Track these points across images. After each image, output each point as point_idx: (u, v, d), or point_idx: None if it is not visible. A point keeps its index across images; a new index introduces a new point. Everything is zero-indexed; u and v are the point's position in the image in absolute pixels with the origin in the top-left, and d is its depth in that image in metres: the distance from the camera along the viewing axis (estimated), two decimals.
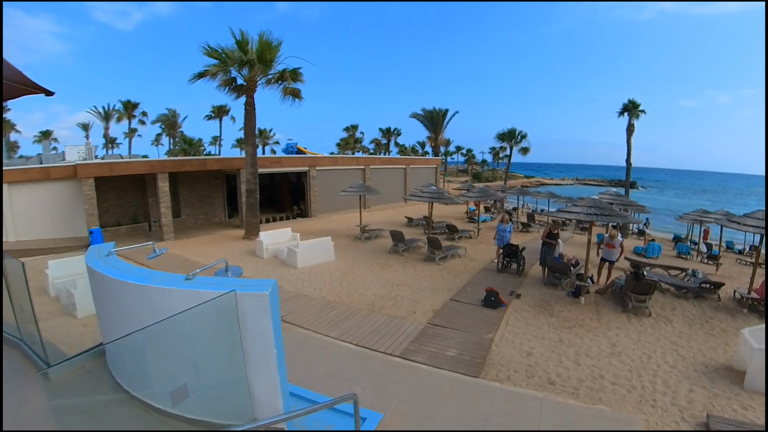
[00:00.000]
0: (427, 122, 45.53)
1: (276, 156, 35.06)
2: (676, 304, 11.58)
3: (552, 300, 11.06)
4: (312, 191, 26.20)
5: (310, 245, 14.31)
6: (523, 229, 24.27)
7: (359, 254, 15.75)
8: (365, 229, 19.16)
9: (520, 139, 45.48)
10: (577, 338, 8.74)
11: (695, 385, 7.21)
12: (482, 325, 9.05)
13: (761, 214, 11.44)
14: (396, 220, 24.77)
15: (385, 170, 32.34)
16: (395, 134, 71.12)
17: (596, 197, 11.40)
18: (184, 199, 23.32)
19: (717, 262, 19.47)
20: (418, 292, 11.28)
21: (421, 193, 15.83)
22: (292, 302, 10.22)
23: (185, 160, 25.48)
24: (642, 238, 26.10)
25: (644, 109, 40.95)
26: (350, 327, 8.71)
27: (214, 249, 16.76)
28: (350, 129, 75.43)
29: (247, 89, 18.17)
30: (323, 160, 27.70)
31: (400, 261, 14.69)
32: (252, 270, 13.32)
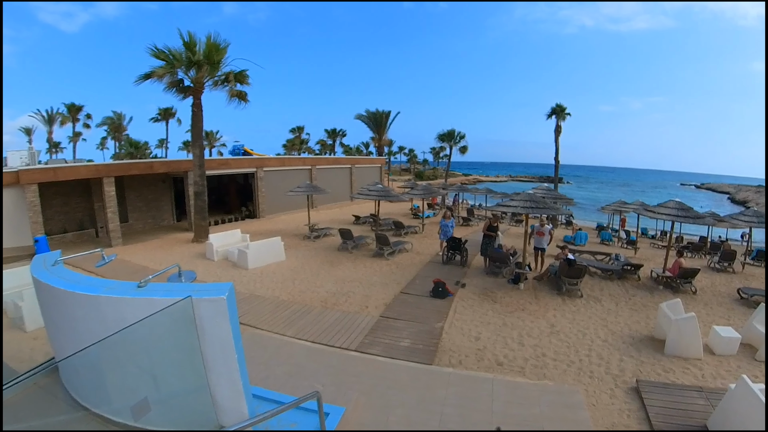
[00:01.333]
0: (371, 123, 45.37)
1: (223, 158, 34.07)
2: (603, 285, 12.33)
3: (494, 288, 11.44)
4: (260, 192, 25.60)
5: (260, 246, 14.01)
6: (464, 223, 24.99)
7: (309, 253, 15.59)
8: (314, 228, 18.97)
9: (458, 140, 46.32)
10: (519, 321, 9.12)
11: (624, 355, 7.75)
12: (432, 314, 9.23)
13: (673, 204, 12.43)
14: (343, 218, 24.70)
15: (331, 170, 32.16)
16: (340, 135, 70.69)
17: (531, 192, 11.92)
18: (131, 203, 22.17)
19: (635, 246, 20.86)
20: (369, 287, 11.32)
21: (368, 191, 15.86)
22: (246, 303, 9.99)
23: (131, 163, 24.34)
24: (570, 228, 27.45)
25: (570, 112, 43.14)
26: (305, 325, 8.62)
27: (163, 253, 16.08)
28: (296, 130, 74.18)
29: (194, 91, 17.56)
30: (270, 161, 27.17)
31: (349, 258, 14.67)
32: (203, 273, 12.85)
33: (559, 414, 5.71)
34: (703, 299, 11.74)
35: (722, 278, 14.55)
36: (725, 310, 10.84)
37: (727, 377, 7.04)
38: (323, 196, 29.84)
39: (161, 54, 16.41)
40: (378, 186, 15.97)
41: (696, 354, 7.73)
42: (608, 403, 6.15)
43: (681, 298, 10.03)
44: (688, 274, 12.31)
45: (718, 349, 8.00)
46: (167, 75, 16.82)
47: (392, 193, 16.05)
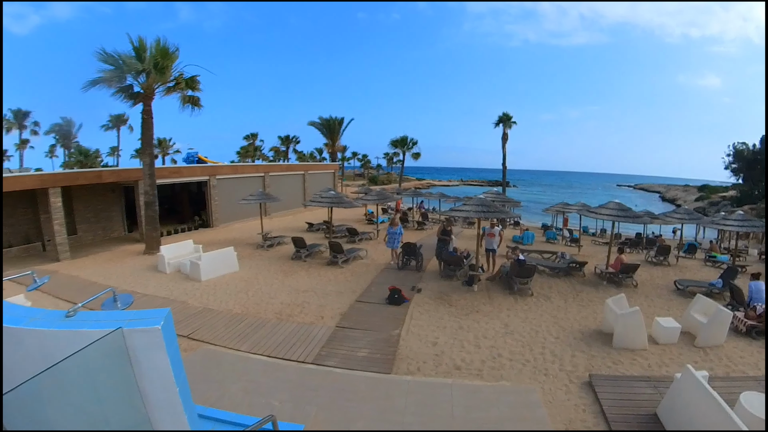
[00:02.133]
0: (324, 129, 44.75)
1: (175, 166, 32.64)
2: (552, 283, 12.61)
3: (449, 291, 11.42)
4: (213, 201, 24.61)
5: (213, 257, 13.38)
6: (419, 227, 24.97)
7: (263, 263, 15.05)
8: (267, 236, 18.38)
9: (411, 146, 46.91)
10: (474, 323, 9.11)
11: (576, 350, 7.88)
12: (388, 322, 9.03)
13: (613, 204, 13.02)
14: (297, 225, 24.16)
15: (284, 177, 31.42)
16: (294, 141, 69.42)
17: (482, 196, 12.04)
18: (80, 214, 20.59)
19: (578, 244, 21.58)
20: (324, 296, 10.99)
21: (320, 198, 15.53)
22: (199, 318, 9.40)
23: (79, 172, 22.73)
24: (518, 228, 28.13)
25: (515, 121, 44.62)
26: (260, 338, 8.22)
27: (114, 267, 14.98)
28: (250, 137, 72.18)
29: (144, 97, 16.65)
30: (223, 168, 26.26)
31: (303, 267, 14.26)
32: (155, 287, 12.08)
33: (518, 414, 5.68)
34: (644, 292, 12.21)
35: (659, 271, 15.28)
36: (664, 302, 11.31)
37: (671, 365, 7.36)
38: (277, 204, 29.06)
39: (110, 59, 15.56)
40: (330, 192, 15.69)
41: (642, 345, 7.99)
42: (564, 400, 6.20)
43: (624, 292, 10.34)
44: (629, 269, 12.80)
45: (661, 339, 8.32)
46: (116, 81, 15.95)
47: (345, 200, 15.76)
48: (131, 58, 15.74)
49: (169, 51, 16.43)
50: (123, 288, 11.65)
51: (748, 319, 8.92)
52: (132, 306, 8.18)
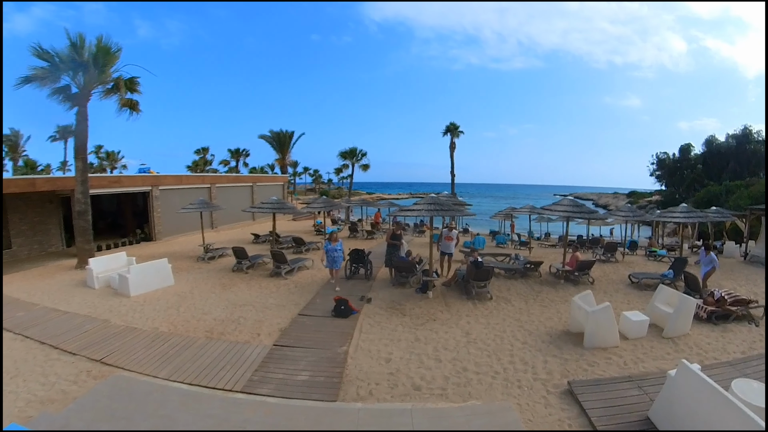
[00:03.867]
0: (274, 143, 42.56)
1: (115, 175, 29.60)
2: (509, 285, 11.70)
3: (402, 299, 10.16)
4: (155, 212, 22.14)
5: (144, 269, 11.47)
6: (368, 236, 23.64)
7: (201, 275, 13.26)
8: (209, 248, 16.47)
9: (360, 157, 45.55)
10: (432, 333, 7.88)
11: (547, 355, 6.91)
12: (334, 337, 7.62)
13: (567, 201, 12.41)
14: (243, 238, 22.12)
15: (231, 188, 29.20)
16: (244, 155, 66.15)
17: (434, 195, 10.89)
18: (15, 227, 18.07)
19: (529, 246, 21.13)
20: (263, 310, 9.44)
21: (261, 204, 13.95)
22: (117, 339, 7.74)
23: (10, 179, 19.31)
24: (468, 234, 27.54)
25: (462, 131, 44.64)
26: (184, 362, 6.66)
27: (41, 282, 12.91)
28: (201, 151, 68.37)
29: (80, 98, 14.76)
30: (166, 179, 23.61)
31: (244, 279, 12.58)
32: (79, 305, 10.19)
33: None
34: (601, 288, 11.64)
35: (610, 268, 14.92)
36: (623, 296, 10.81)
37: (646, 360, 6.73)
38: (224, 216, 27.09)
39: (45, 54, 13.72)
40: (273, 198, 14.12)
41: (614, 342, 7.29)
42: (545, 414, 5.14)
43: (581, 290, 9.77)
44: (585, 266, 12.22)
45: (631, 334, 7.69)
46: (50, 79, 14.09)
47: (288, 205, 14.28)
48: (68, 55, 13.99)
49: (111, 50, 14.78)
50: (45, 305, 10.16)
51: (707, 305, 8.73)
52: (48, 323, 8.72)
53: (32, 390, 5.84)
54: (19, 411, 5.27)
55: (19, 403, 5.47)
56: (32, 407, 5.37)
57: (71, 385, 6.01)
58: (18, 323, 8.97)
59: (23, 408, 5.35)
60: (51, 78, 14.18)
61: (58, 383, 6.07)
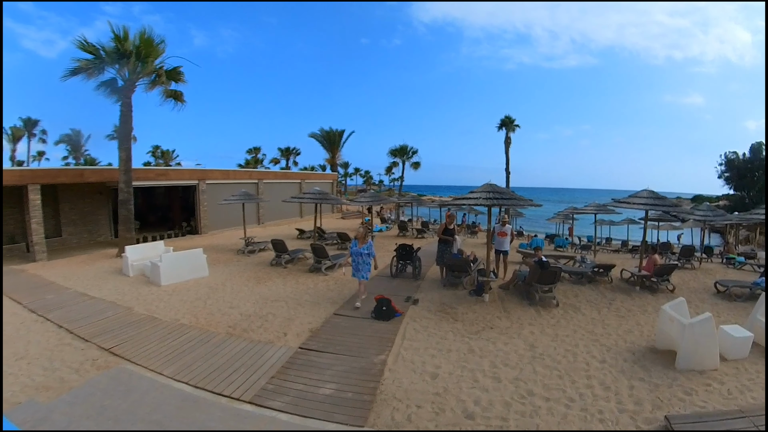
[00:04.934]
0: (324, 142, 42.29)
1: (162, 167, 30.29)
2: (576, 291, 10.12)
3: (454, 302, 8.86)
4: (201, 206, 22.20)
5: (176, 259, 11.03)
6: (419, 235, 22.36)
7: (237, 268, 12.63)
8: (250, 242, 15.96)
9: (411, 155, 44.34)
10: (489, 344, 6.53)
11: (633, 378, 5.43)
12: (372, 343, 6.46)
13: (646, 193, 10.54)
14: (289, 233, 21.50)
15: (279, 185, 28.60)
16: (294, 153, 66.68)
17: (491, 183, 9.45)
18: (65, 216, 19.00)
19: (593, 249, 19.18)
20: (296, 307, 8.48)
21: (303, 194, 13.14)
22: (134, 328, 7.21)
23: (60, 169, 20.75)
24: (524, 237, 25.75)
25: (518, 124, 42.29)
26: (195, 359, 5.84)
27: (81, 268, 13.14)
28: (253, 151, 70.00)
29: (125, 90, 15.01)
30: (213, 173, 23.68)
31: (281, 274, 11.76)
32: (109, 291, 10.00)
33: None
34: (682, 296, 9.66)
35: (688, 275, 12.97)
36: (710, 306, 8.97)
37: (755, 388, 5.17)
38: (271, 212, 26.82)
39: (90, 47, 14.03)
40: (315, 188, 13.26)
41: (713, 364, 5.68)
42: None
43: (660, 298, 8.40)
44: (664, 271, 10.38)
45: (730, 353, 6.03)
46: (95, 71, 14.39)
47: (331, 196, 13.39)
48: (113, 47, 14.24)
49: (153, 42, 14.88)
50: (76, 289, 10.19)
51: None
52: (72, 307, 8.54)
53: (32, 374, 5.54)
54: (11, 395, 4.94)
55: (14, 387, 5.16)
56: (25, 393, 5.01)
57: (72, 374, 5.56)
58: (44, 305, 8.96)
59: (16, 393, 5.01)
60: (96, 70, 14.40)
61: (60, 370, 5.64)
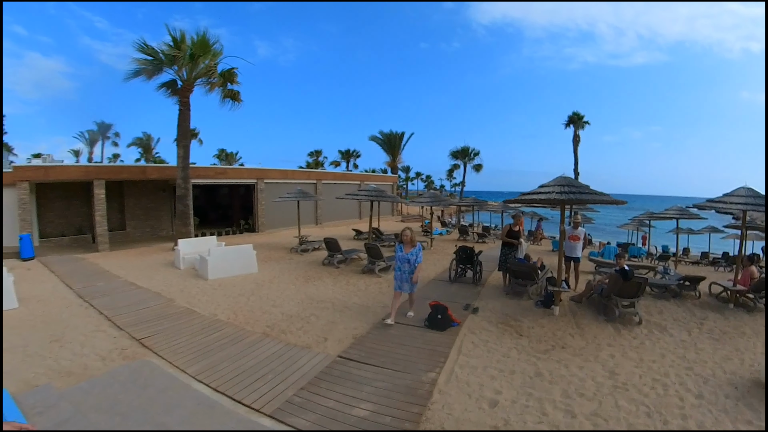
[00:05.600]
0: (385, 145, 42.15)
1: (221, 166, 31.42)
2: (660, 307, 8.72)
3: (519, 313, 7.86)
4: (259, 205, 22.65)
5: (225, 254, 11.03)
6: (479, 239, 21.25)
7: (288, 266, 12.39)
8: (303, 240, 15.78)
9: (473, 156, 43.07)
10: (560, 367, 5.52)
11: (738, 419, 4.31)
12: (422, 356, 5.61)
13: (743, 191, 8.78)
14: (346, 234, 21.22)
15: (338, 185, 28.49)
16: (354, 156, 67.29)
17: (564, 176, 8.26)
18: (130, 211, 20.56)
19: (675, 259, 17.22)
20: (342, 310, 7.90)
21: (358, 192, 12.66)
22: (170, 321, 7.07)
23: (123, 166, 22.90)
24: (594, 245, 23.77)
25: (588, 120, 39.75)
26: (223, 359, 5.43)
27: (137, 260, 13.87)
28: (314, 154, 72.17)
29: (183, 89, 15.70)
30: (272, 172, 24.08)
31: (332, 274, 11.30)
32: (158, 282, 10.22)
33: None
34: None
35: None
36: None
37: None
38: (329, 212, 26.86)
39: (149, 49, 14.73)
40: (371, 185, 12.71)
41: None
42: None
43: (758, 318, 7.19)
44: (764, 286, 8.54)
45: None
46: (154, 72, 15.17)
47: (387, 193, 12.76)
48: (170, 49, 14.80)
49: (209, 43, 15.35)
50: (126, 279, 10.65)
51: None
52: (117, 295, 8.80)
53: (60, 358, 5.56)
54: (33, 377, 4.95)
55: (38, 369, 5.19)
56: (47, 376, 4.98)
57: (97, 361, 5.46)
58: (92, 291, 9.26)
59: (39, 375, 5.02)
60: (155, 71, 15.10)
61: (87, 356, 5.57)
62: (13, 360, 5.52)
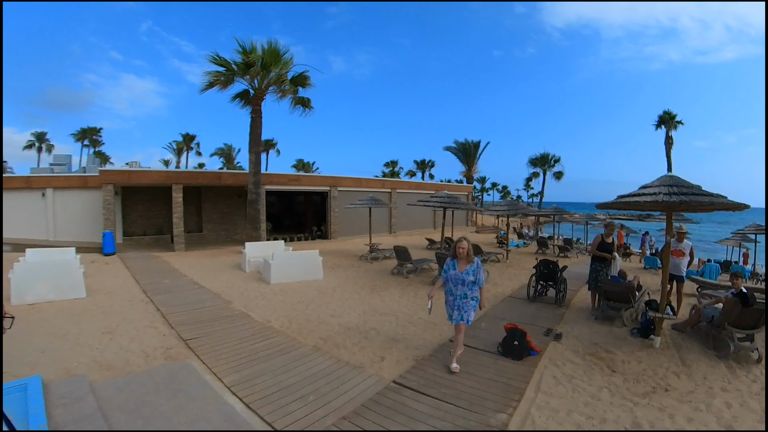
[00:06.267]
0: (460, 154, 41.06)
1: (295, 174, 32.31)
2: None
3: (610, 343, 6.60)
4: (332, 212, 22.73)
5: (289, 258, 10.89)
6: (561, 253, 19.36)
7: (355, 274, 11.95)
8: (374, 248, 15.31)
9: (553, 163, 40.65)
10: (664, 417, 4.33)
11: None
12: (492, 391, 4.67)
13: None
14: (419, 243, 20.59)
15: (413, 195, 27.26)
16: (429, 166, 66.69)
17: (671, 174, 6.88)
18: (207, 215, 21.89)
19: None
20: (406, 325, 7.16)
21: (431, 198, 11.94)
22: (221, 323, 6.86)
23: (199, 172, 24.42)
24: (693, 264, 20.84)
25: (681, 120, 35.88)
26: (264, 371, 4.95)
27: (207, 260, 14.42)
28: (390, 164, 72.79)
29: (255, 98, 16.32)
30: (345, 180, 24.05)
31: (400, 284, 10.63)
32: (220, 283, 10.31)
33: None
34: None
35: None
36: None
37: None
38: (404, 222, 26.47)
39: (221, 60, 15.40)
40: (443, 192, 11.93)
41: None
42: None
43: None
44: None
45: None
46: (228, 83, 15.90)
47: (459, 200, 11.87)
48: (242, 60, 15.37)
49: (279, 52, 15.73)
50: (192, 278, 10.94)
51: None
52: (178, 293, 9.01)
53: (106, 350, 5.61)
54: (75, 366, 5.01)
55: (82, 359, 5.26)
56: (88, 368, 5.00)
57: (140, 358, 5.39)
58: (155, 288, 9.50)
59: (81, 365, 5.08)
60: (227, 82, 15.73)
61: (132, 352, 5.51)
62: (63, 347, 5.59)
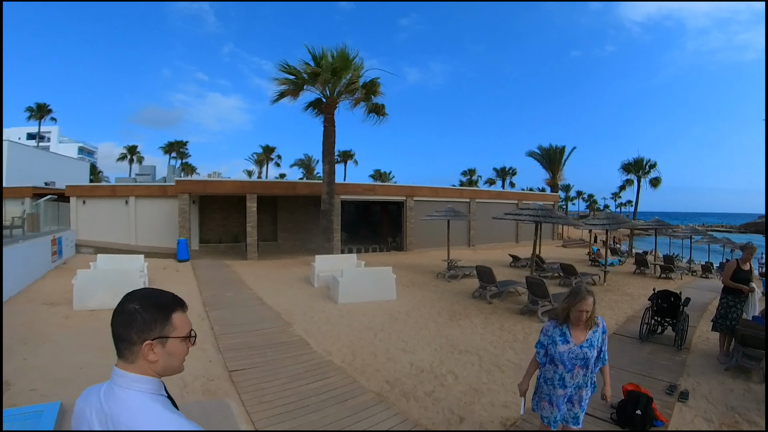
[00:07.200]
0: (544, 161, 38.27)
1: (369, 183, 31.93)
2: None
3: (750, 407, 4.85)
4: (408, 223, 21.86)
5: (360, 275, 9.90)
6: (662, 274, 16.60)
7: (432, 295, 10.72)
8: (453, 265, 13.96)
9: (648, 169, 36.47)
10: None
11: None
12: None
13: None
14: (501, 260, 18.72)
15: (493, 205, 26.05)
16: (510, 173, 63.80)
17: None
18: (282, 224, 22.33)
19: None
20: (492, 370, 5.78)
21: (521, 210, 10.51)
22: (276, 352, 6.01)
23: (274, 182, 24.97)
24: None
25: None
26: (312, 426, 3.99)
27: (276, 272, 14.17)
28: (467, 173, 71.13)
29: (327, 106, 15.98)
30: (422, 190, 23.10)
31: (483, 311, 9.22)
32: (284, 301, 9.60)
33: None
34: None
35: None
36: None
37: None
38: (483, 234, 24.99)
39: (290, 68, 15.27)
40: (537, 204, 10.46)
41: None
42: None
43: None
44: None
45: None
46: (298, 91, 15.80)
47: (556, 214, 10.31)
48: (312, 67, 15.14)
49: (349, 57, 15.27)
50: (256, 292, 10.54)
51: None
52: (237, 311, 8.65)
53: None
54: None
55: None
56: None
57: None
58: (216, 302, 9.09)
59: None
60: (298, 90, 15.57)
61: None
62: (103, 364, 4.94)
